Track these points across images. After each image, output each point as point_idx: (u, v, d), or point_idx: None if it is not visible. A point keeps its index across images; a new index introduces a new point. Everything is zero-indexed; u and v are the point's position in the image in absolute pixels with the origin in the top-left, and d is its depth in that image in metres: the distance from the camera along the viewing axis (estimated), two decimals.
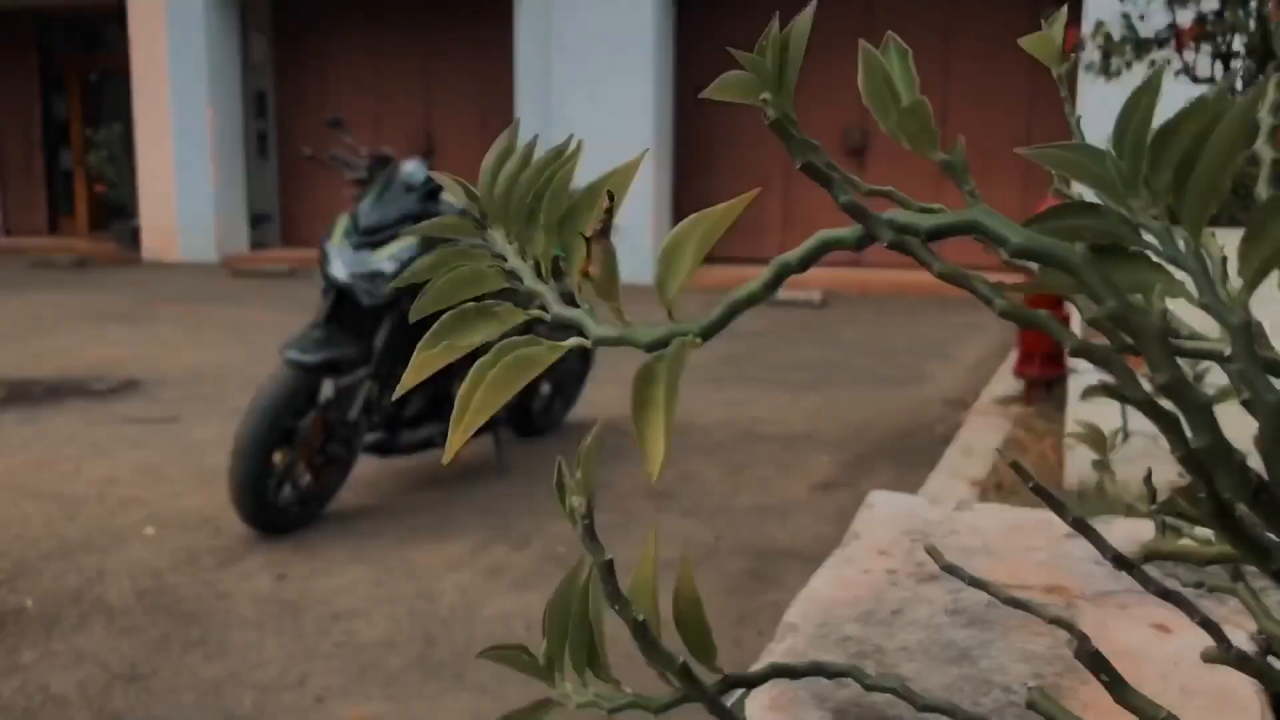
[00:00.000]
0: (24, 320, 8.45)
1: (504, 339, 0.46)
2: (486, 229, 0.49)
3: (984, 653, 0.60)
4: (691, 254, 0.43)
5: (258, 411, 3.56)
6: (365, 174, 4.10)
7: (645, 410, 0.42)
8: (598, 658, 0.49)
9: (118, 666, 2.87)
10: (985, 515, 0.82)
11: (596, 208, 0.46)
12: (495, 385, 0.43)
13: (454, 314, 0.46)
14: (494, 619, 3.14)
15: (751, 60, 0.40)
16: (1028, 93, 10.73)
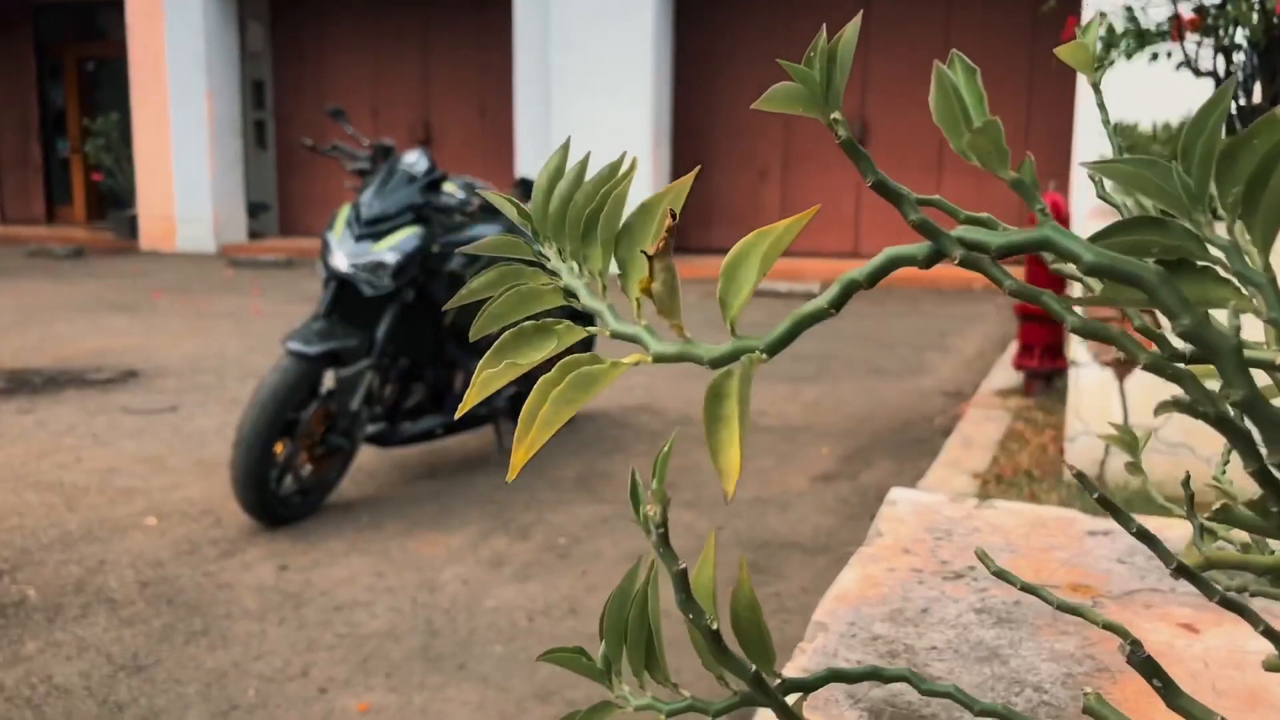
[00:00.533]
0: (21, 310, 8.44)
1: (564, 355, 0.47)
2: (539, 246, 0.49)
3: (1013, 652, 0.61)
4: (754, 270, 0.43)
5: (260, 403, 3.56)
6: (367, 165, 4.09)
7: (717, 427, 0.42)
8: (656, 660, 0.49)
9: (121, 657, 2.88)
10: (1006, 513, 0.82)
11: (658, 225, 0.46)
12: (560, 402, 0.43)
13: (514, 332, 0.46)
14: (496, 610, 3.15)
15: (800, 72, 0.40)
16: (1027, 86, 10.72)
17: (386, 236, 3.84)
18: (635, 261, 0.46)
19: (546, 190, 0.48)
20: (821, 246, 11.51)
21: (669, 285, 0.45)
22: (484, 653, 2.89)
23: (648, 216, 0.46)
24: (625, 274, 0.47)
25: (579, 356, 0.45)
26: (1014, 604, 0.66)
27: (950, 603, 0.67)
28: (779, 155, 11.62)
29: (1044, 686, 0.56)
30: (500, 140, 12.29)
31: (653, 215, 0.46)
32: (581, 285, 0.47)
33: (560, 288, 0.47)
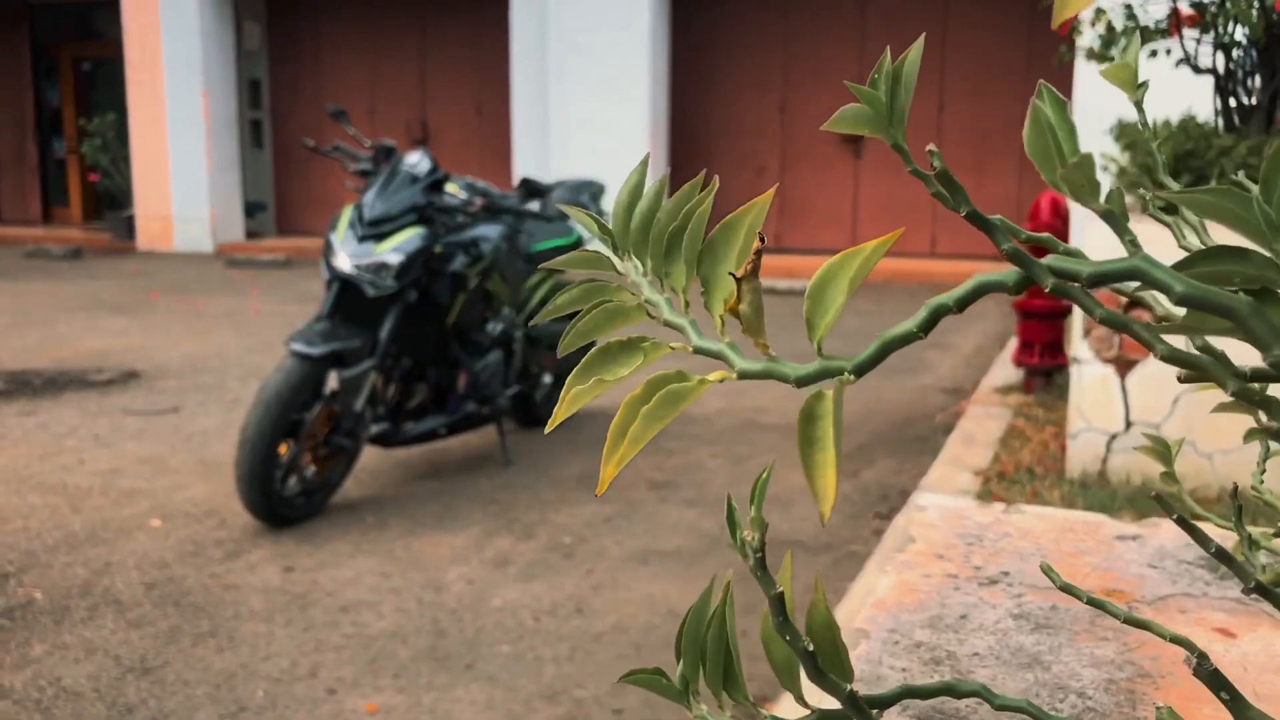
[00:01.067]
0: (20, 311, 8.43)
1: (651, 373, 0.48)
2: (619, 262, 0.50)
3: (1054, 658, 0.61)
4: (841, 291, 0.44)
5: (264, 403, 3.57)
6: (369, 165, 4.09)
7: (812, 449, 0.42)
8: (734, 679, 0.49)
9: (129, 659, 2.88)
10: (1033, 518, 0.83)
11: (743, 246, 0.47)
12: (649, 418, 0.44)
13: (600, 349, 0.47)
14: (503, 609, 3.16)
15: (865, 94, 0.41)
16: (1024, 82, 10.73)
17: (389, 237, 3.85)
18: (719, 279, 0.47)
19: (626, 207, 0.49)
20: (819, 244, 11.52)
21: (755, 305, 0.46)
22: (491, 652, 2.90)
23: (729, 235, 0.47)
24: (708, 291, 0.48)
25: (665, 374, 0.46)
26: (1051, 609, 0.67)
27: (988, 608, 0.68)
28: (776, 153, 11.63)
29: (1087, 693, 0.57)
30: (497, 139, 12.29)
31: (734, 233, 0.47)
32: (663, 301, 0.48)
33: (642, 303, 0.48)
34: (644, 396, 0.45)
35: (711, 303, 0.47)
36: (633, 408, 0.45)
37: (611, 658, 2.87)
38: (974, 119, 10.98)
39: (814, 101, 11.45)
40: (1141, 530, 0.79)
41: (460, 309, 4.14)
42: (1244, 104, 4.19)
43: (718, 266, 0.47)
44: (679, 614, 3.13)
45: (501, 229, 4.31)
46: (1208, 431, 3.81)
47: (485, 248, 4.18)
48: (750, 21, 11.44)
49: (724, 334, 0.47)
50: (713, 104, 11.69)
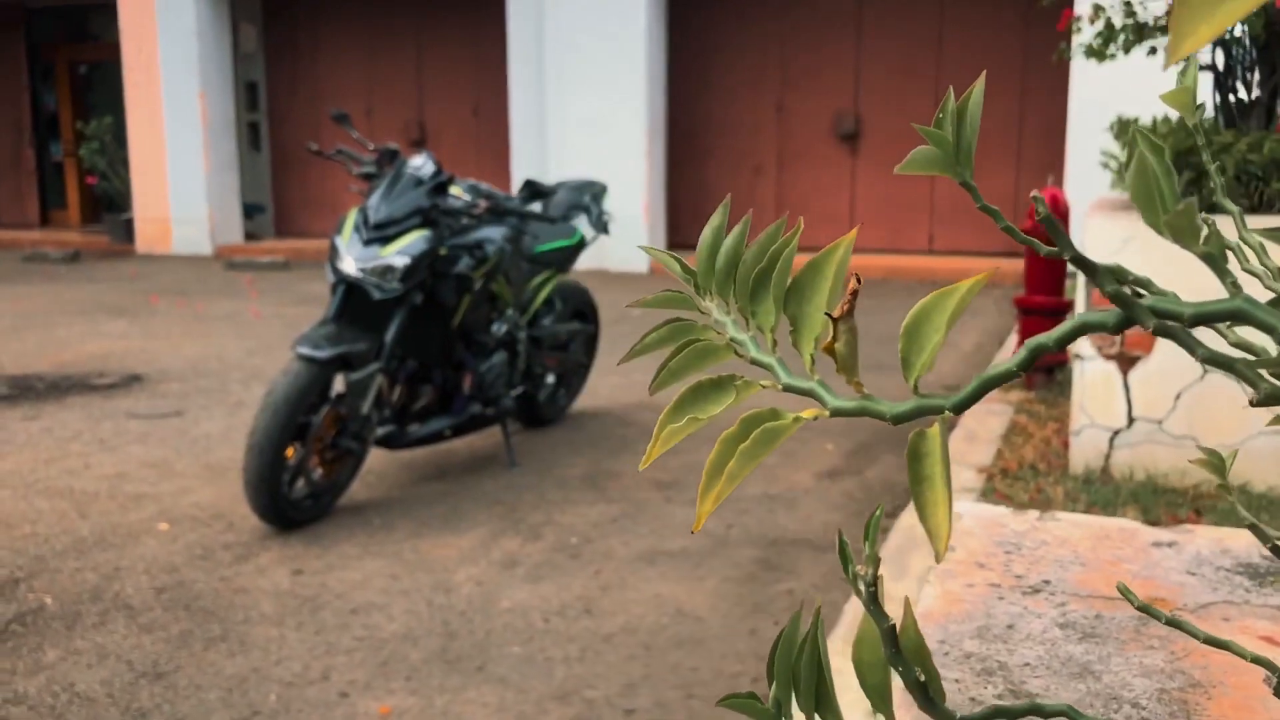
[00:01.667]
0: (20, 315, 8.43)
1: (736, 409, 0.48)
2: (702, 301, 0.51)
3: (1105, 667, 0.62)
4: (937, 330, 0.45)
5: (272, 406, 3.58)
6: (373, 169, 4.10)
7: (923, 488, 0.43)
8: (828, 702, 0.50)
9: (141, 664, 2.89)
10: (1068, 525, 0.84)
11: (832, 285, 0.48)
12: (746, 456, 0.45)
13: (693, 387, 0.48)
14: (512, 611, 3.17)
15: (933, 135, 0.42)
16: (1020, 78, 10.75)
17: (395, 240, 3.86)
18: (807, 318, 0.48)
19: (711, 247, 0.50)
20: (817, 242, 11.45)
21: (850, 345, 0.47)
22: (502, 654, 2.91)
23: (816, 274, 0.48)
24: (796, 329, 0.49)
25: (758, 412, 0.47)
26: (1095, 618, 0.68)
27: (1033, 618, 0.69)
28: (773, 152, 11.64)
29: (1140, 703, 0.58)
30: (495, 140, 12.29)
31: (821, 272, 0.48)
32: (749, 339, 0.49)
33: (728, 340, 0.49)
34: (740, 434, 0.46)
35: (800, 341, 0.48)
36: (729, 445, 0.46)
37: (621, 658, 2.88)
38: None
39: (811, 100, 11.46)
40: (1177, 536, 0.80)
41: (465, 311, 4.15)
42: (1243, 100, 4.21)
43: (805, 305, 0.48)
44: (687, 614, 3.15)
45: (505, 231, 4.32)
46: (1210, 427, 3.83)
47: (490, 250, 4.20)
48: (747, 21, 11.45)
49: (813, 372, 0.48)
50: (710, 103, 11.70)
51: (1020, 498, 3.81)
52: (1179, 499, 3.74)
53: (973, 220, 11.09)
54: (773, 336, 0.50)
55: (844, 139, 11.40)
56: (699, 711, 2.62)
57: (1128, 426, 3.93)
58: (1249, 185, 3.74)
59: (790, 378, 0.48)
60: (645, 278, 10.58)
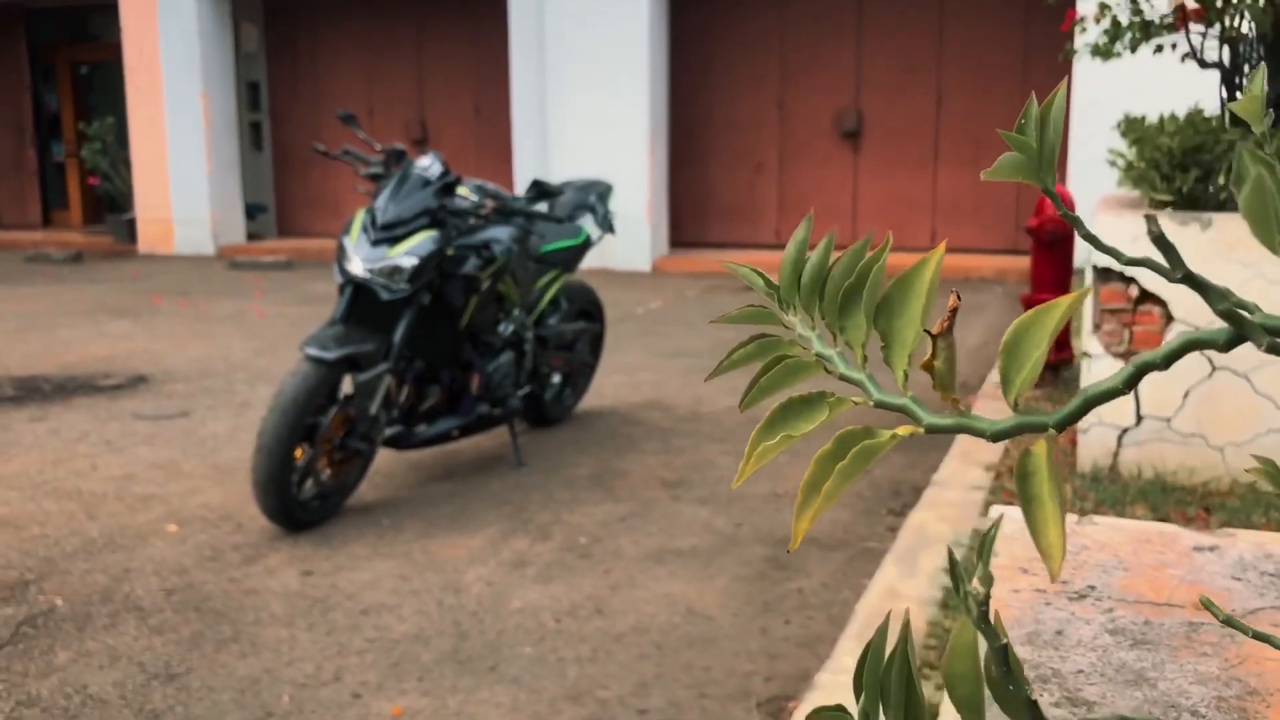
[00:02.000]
0: (24, 316, 8.43)
1: None
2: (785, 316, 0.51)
3: (1159, 674, 0.62)
4: (1036, 346, 0.45)
5: (281, 408, 3.58)
6: (380, 169, 4.10)
7: (1032, 507, 0.43)
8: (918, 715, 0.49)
9: (153, 665, 2.90)
10: (1107, 529, 0.84)
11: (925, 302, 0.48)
12: (843, 475, 0.45)
13: (784, 404, 0.48)
14: (523, 611, 3.17)
15: (1017, 141, 0.42)
16: (1021, 74, 10.74)
17: (402, 241, 3.86)
18: (898, 334, 0.48)
19: (795, 261, 0.50)
20: (819, 239, 11.51)
21: (949, 362, 0.47)
22: (514, 654, 2.92)
23: (906, 290, 0.48)
24: (889, 345, 0.48)
25: (853, 430, 0.47)
26: (1144, 624, 0.68)
27: (1082, 624, 0.69)
28: (775, 149, 11.63)
29: (1199, 710, 0.58)
30: (496, 139, 12.28)
31: (912, 289, 0.48)
32: (836, 355, 0.49)
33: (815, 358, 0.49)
34: (836, 452, 0.46)
35: (893, 357, 0.48)
36: (825, 463, 0.46)
37: (633, 658, 2.89)
38: (972, 114, 10.99)
39: (812, 98, 11.46)
40: (1218, 541, 0.80)
41: (473, 311, 4.16)
42: None
43: (895, 320, 0.48)
44: (698, 613, 3.15)
45: (512, 231, 4.32)
46: (1218, 425, 3.83)
47: (497, 250, 4.20)
48: (747, 18, 11.44)
49: (906, 388, 0.48)
50: (711, 101, 11.69)
51: None
52: (1188, 497, 3.74)
53: (976, 217, 11.09)
54: (863, 352, 0.50)
55: (846, 136, 11.39)
56: (712, 711, 2.62)
57: (1136, 424, 3.93)
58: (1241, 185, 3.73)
59: (882, 394, 0.48)
60: (648, 276, 10.58)
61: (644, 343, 7.21)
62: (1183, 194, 3.90)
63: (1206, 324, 3.16)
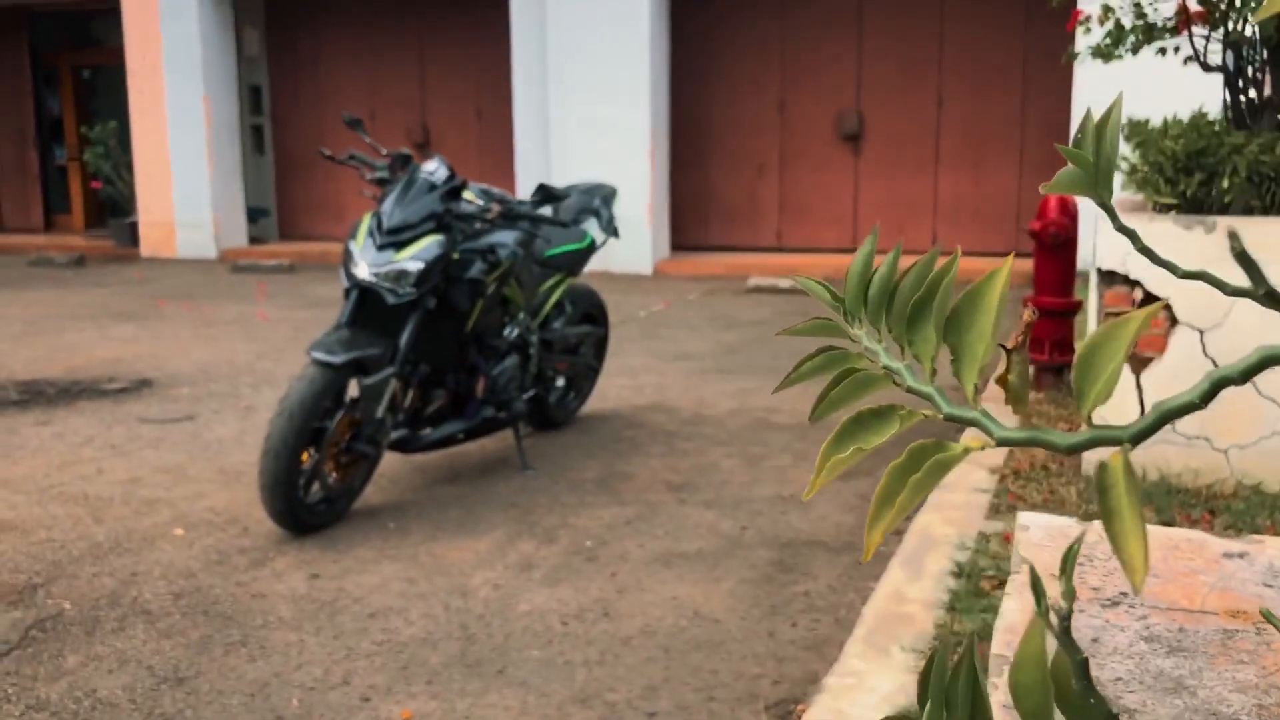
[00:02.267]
0: (28, 320, 8.44)
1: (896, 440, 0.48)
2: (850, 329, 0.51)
3: (1198, 682, 0.63)
4: (1111, 360, 0.45)
5: (288, 412, 3.59)
6: (386, 174, 4.11)
7: (1113, 520, 0.43)
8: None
9: (162, 669, 2.90)
10: None
11: (996, 316, 0.48)
12: (917, 487, 0.46)
13: (854, 417, 0.49)
14: (530, 614, 3.18)
15: (1074, 155, 0.43)
16: (1022, 77, 10.75)
17: (409, 245, 3.87)
18: (968, 347, 0.48)
19: (861, 274, 0.51)
20: (820, 242, 11.54)
21: (1023, 376, 0.47)
22: (522, 657, 2.92)
23: (976, 303, 0.49)
24: (958, 359, 0.49)
25: (926, 444, 0.48)
26: (1179, 631, 0.68)
27: (1117, 631, 0.70)
28: (776, 152, 11.65)
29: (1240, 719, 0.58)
30: (498, 143, 12.30)
31: (981, 303, 0.48)
32: (903, 367, 0.49)
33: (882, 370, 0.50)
34: (910, 465, 0.46)
35: (962, 370, 0.48)
36: (898, 476, 0.47)
37: (641, 661, 2.89)
38: (972, 116, 11.00)
39: (812, 100, 11.47)
40: (1247, 547, 0.80)
41: (478, 315, 4.17)
42: (1253, 101, 4.21)
43: (965, 334, 0.48)
44: (705, 616, 3.16)
45: (518, 235, 4.33)
46: (1222, 427, 3.84)
47: (502, 254, 4.21)
48: (748, 21, 11.45)
49: (976, 401, 0.48)
50: (712, 103, 11.70)
51: (1033, 498, 3.81)
52: (1192, 499, 3.75)
53: (976, 219, 11.10)
54: (932, 365, 0.50)
55: (846, 139, 11.40)
56: (720, 714, 2.63)
57: None
58: (1261, 186, 3.75)
59: (952, 407, 0.49)
60: (649, 279, 10.59)
61: (646, 345, 7.22)
62: (1186, 197, 3.91)
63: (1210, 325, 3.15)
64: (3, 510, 4.12)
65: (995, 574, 3.08)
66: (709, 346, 7.19)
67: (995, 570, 3.10)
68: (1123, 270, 3.86)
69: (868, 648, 2.67)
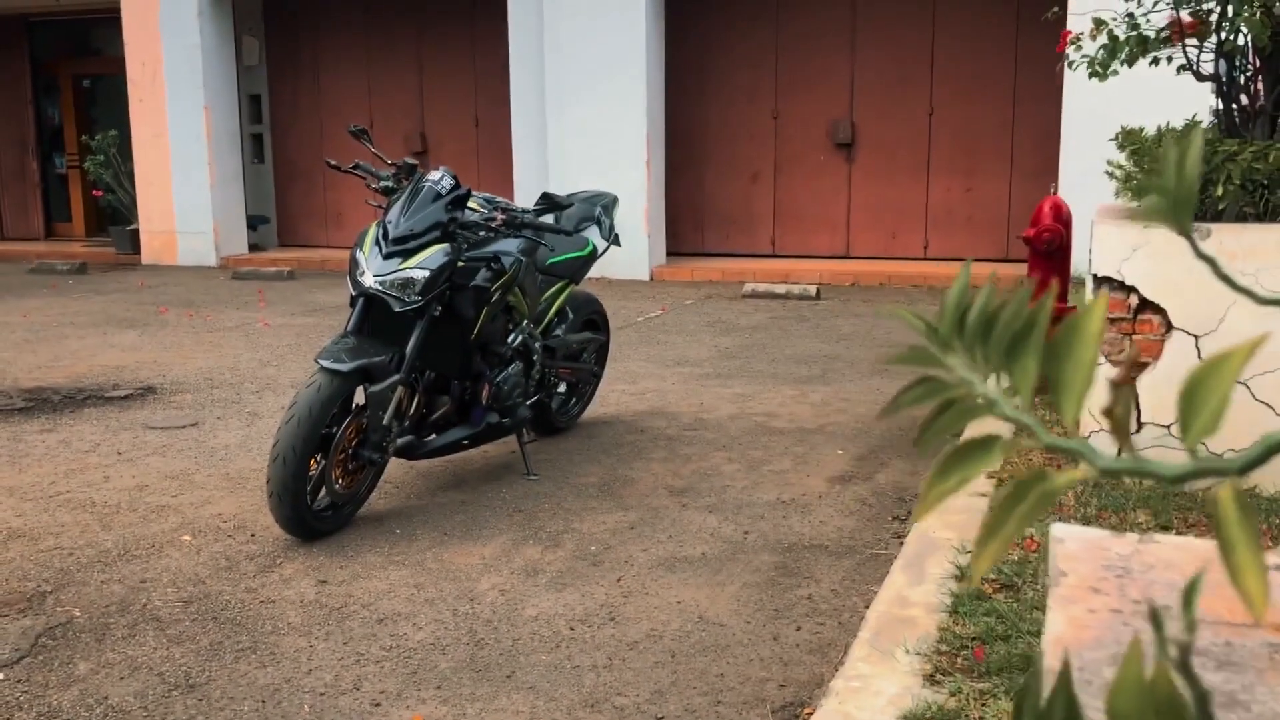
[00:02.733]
0: (31, 327, 8.47)
1: None
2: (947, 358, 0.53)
3: (1250, 696, 0.64)
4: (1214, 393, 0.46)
5: (296, 419, 3.62)
6: (391, 183, 4.15)
7: (1229, 552, 0.44)
8: None
9: (173, 676, 2.94)
10: (1169, 548, 0.86)
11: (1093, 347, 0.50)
12: (1023, 518, 0.48)
13: (957, 448, 0.50)
14: (538, 619, 3.22)
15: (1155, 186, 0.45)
16: (1012, 84, 10.81)
17: (415, 254, 3.91)
18: (1069, 378, 0.49)
19: (958, 304, 0.52)
20: (814, 249, 11.60)
21: (1127, 409, 0.48)
22: (530, 662, 2.96)
23: (1076, 335, 0.50)
24: (1058, 390, 0.49)
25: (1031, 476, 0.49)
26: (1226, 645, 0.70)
27: None
28: (770, 159, 11.70)
29: None
30: (496, 150, 12.35)
31: (1082, 334, 0.50)
32: (1001, 398, 0.50)
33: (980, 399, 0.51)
34: (1016, 496, 0.48)
35: (1063, 401, 0.50)
36: (1005, 507, 0.48)
37: (649, 665, 2.93)
38: (964, 123, 11.06)
39: (806, 109, 11.53)
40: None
41: (483, 322, 4.21)
42: (1246, 109, 4.26)
43: (1064, 364, 0.49)
44: (710, 620, 3.19)
45: (521, 243, 4.37)
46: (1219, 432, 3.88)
47: (507, 262, 4.25)
48: (743, 30, 11.51)
49: (1077, 429, 0.49)
50: (707, 111, 11.76)
51: None
52: (1189, 504, 3.79)
53: (968, 226, 11.15)
54: (1030, 395, 0.51)
55: (839, 146, 11.46)
56: (728, 717, 2.67)
57: (1136, 431, 3.99)
58: (1255, 194, 3.80)
59: (1054, 437, 0.50)
60: (646, 285, 10.63)
61: (645, 351, 7.26)
62: None
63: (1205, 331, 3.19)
64: (10, 517, 4.15)
65: (996, 577, 3.12)
66: (707, 352, 7.23)
67: (996, 573, 3.14)
68: (1118, 276, 3.91)
69: (872, 651, 2.71)
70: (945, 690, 2.51)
